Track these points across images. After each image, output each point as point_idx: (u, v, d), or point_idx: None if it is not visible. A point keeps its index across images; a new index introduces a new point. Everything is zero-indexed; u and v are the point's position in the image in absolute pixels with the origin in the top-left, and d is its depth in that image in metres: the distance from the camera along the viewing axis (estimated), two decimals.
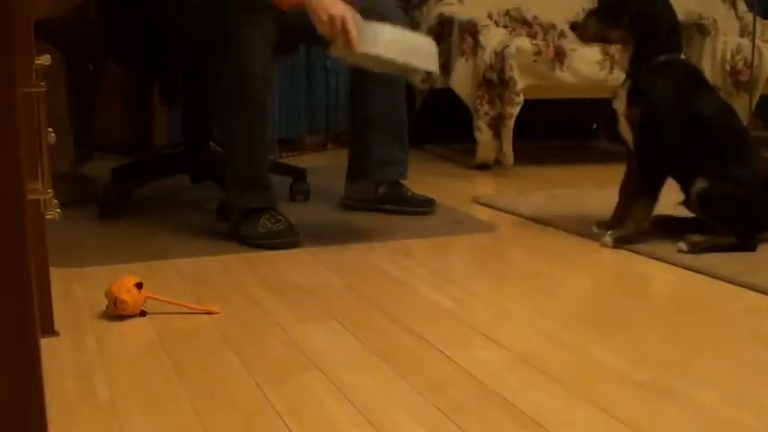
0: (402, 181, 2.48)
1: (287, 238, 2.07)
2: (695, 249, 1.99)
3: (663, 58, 2.05)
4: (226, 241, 2.11)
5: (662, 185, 2.08)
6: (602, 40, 2.17)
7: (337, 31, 1.94)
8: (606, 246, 2.08)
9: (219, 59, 2.06)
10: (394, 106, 2.42)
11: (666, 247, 2.03)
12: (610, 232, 2.10)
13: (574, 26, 2.18)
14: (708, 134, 2.05)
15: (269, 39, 2.05)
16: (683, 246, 2.00)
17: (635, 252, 2.04)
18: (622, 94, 2.09)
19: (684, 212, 2.18)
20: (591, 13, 2.16)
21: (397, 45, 1.96)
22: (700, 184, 2.01)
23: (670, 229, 2.15)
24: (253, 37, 2.02)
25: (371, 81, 2.38)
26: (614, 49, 2.14)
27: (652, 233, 2.13)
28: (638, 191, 2.09)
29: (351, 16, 1.95)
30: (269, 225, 2.08)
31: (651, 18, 2.06)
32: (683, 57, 2.12)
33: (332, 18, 1.94)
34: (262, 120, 2.12)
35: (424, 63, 2.00)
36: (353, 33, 1.93)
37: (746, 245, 2.02)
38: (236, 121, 2.11)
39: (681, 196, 2.15)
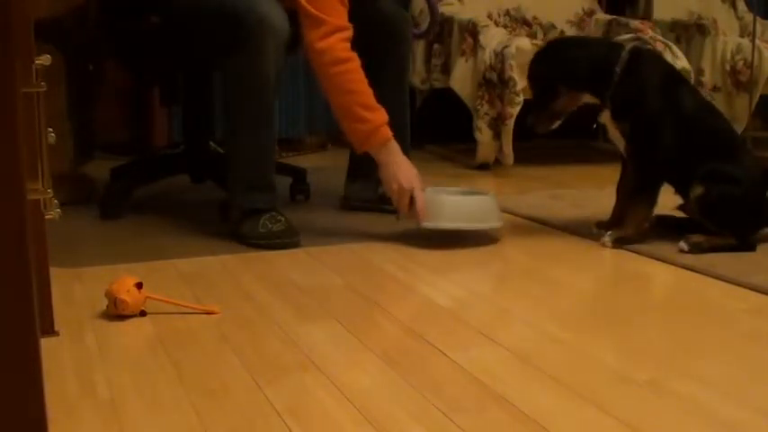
0: None
1: (287, 239, 2.07)
2: (696, 249, 1.99)
3: (618, 69, 2.03)
4: (226, 241, 2.11)
5: (660, 187, 2.08)
6: (562, 114, 2.12)
7: (404, 204, 2.07)
8: (606, 246, 2.08)
9: (233, 59, 2.05)
10: (396, 107, 2.41)
11: (666, 247, 2.03)
12: (609, 232, 2.10)
13: (531, 126, 2.14)
14: (696, 130, 2.05)
15: (283, 40, 2.05)
16: (683, 246, 2.00)
17: (635, 252, 2.04)
18: (606, 113, 2.09)
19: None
20: (534, 106, 2.14)
21: (460, 213, 2.10)
22: (697, 190, 2.01)
23: (670, 229, 2.15)
24: (268, 38, 2.02)
25: (375, 81, 2.37)
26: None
27: (652, 233, 2.13)
28: (636, 194, 2.09)
29: (419, 188, 2.08)
30: (269, 225, 2.08)
31: (575, 66, 2.05)
32: (629, 48, 2.08)
33: (401, 190, 2.07)
34: (271, 121, 2.12)
35: (486, 223, 2.12)
36: (420, 208, 2.06)
37: (747, 245, 2.02)
38: (247, 121, 2.10)
39: (680, 198, 2.15)
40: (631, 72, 2.04)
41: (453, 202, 2.12)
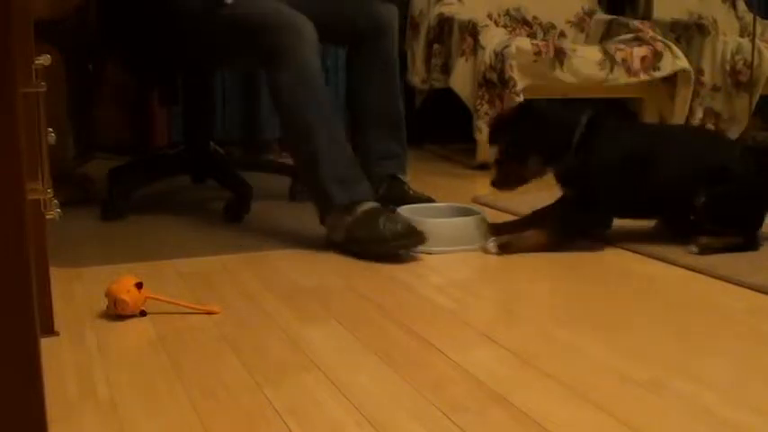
0: (402, 177, 2.46)
1: (415, 238, 1.96)
2: (705, 251, 1.97)
3: (576, 136, 2.00)
4: (226, 241, 2.11)
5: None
6: (528, 180, 2.09)
7: None
8: (489, 252, 2.04)
9: (277, 69, 2.04)
10: (388, 100, 2.40)
11: (667, 247, 2.03)
12: (493, 238, 2.06)
13: (494, 183, 2.09)
14: (679, 175, 2.02)
15: (317, 46, 2.06)
16: (692, 249, 1.98)
17: (635, 252, 2.04)
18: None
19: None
20: (499, 167, 2.10)
21: (441, 236, 2.03)
22: (699, 198, 1.98)
23: (671, 229, 2.15)
24: (306, 46, 2.03)
25: (365, 76, 2.37)
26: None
27: (652, 234, 2.14)
28: (556, 224, 2.07)
29: None
30: (391, 227, 1.94)
31: (548, 131, 2.01)
32: (585, 122, 2.02)
33: None
34: (337, 114, 2.09)
35: (469, 245, 2.07)
36: None
37: (753, 244, 2.01)
38: (319, 121, 2.03)
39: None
40: (585, 148, 2.01)
41: (435, 224, 2.07)
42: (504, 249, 2.03)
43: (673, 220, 2.13)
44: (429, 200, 2.42)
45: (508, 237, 2.07)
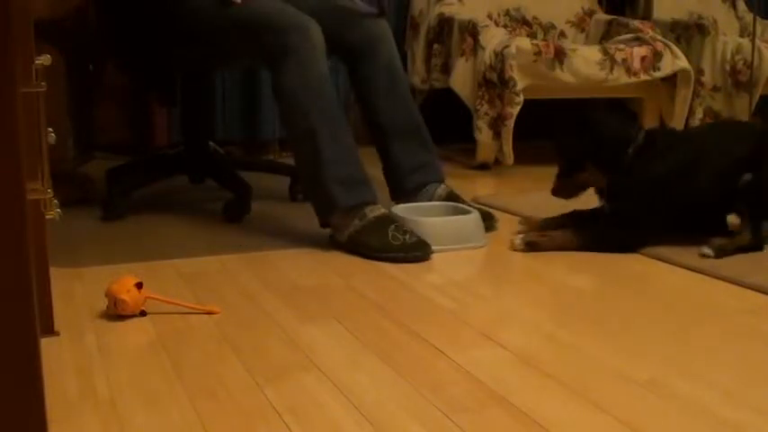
0: (441, 184, 2.35)
1: (423, 250, 1.98)
2: (720, 253, 1.96)
3: (631, 150, 2.02)
4: (226, 241, 2.11)
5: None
6: (583, 187, 2.12)
7: None
8: (517, 249, 2.05)
9: (287, 70, 2.04)
10: (401, 109, 2.31)
11: (667, 248, 2.03)
12: (521, 235, 2.08)
13: (554, 191, 2.13)
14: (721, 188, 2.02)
15: (323, 48, 2.06)
16: (708, 252, 1.96)
17: (635, 252, 2.04)
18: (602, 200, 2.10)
19: None
20: (559, 175, 2.12)
21: (438, 235, 2.04)
22: (744, 178, 1.98)
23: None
24: (313, 46, 2.03)
25: (370, 89, 2.34)
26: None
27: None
28: (594, 236, 2.07)
29: None
30: (400, 237, 1.97)
31: (602, 141, 2.03)
32: (643, 133, 2.05)
33: None
34: (342, 117, 2.08)
35: (467, 243, 2.08)
36: None
37: (758, 244, 2.00)
38: (321, 122, 2.03)
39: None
40: (637, 164, 2.02)
41: (432, 223, 2.07)
42: (530, 247, 2.05)
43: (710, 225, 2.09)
44: (488, 215, 2.29)
45: (537, 235, 2.08)
